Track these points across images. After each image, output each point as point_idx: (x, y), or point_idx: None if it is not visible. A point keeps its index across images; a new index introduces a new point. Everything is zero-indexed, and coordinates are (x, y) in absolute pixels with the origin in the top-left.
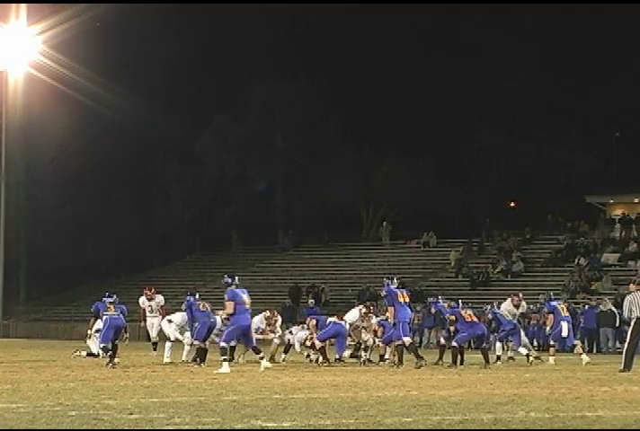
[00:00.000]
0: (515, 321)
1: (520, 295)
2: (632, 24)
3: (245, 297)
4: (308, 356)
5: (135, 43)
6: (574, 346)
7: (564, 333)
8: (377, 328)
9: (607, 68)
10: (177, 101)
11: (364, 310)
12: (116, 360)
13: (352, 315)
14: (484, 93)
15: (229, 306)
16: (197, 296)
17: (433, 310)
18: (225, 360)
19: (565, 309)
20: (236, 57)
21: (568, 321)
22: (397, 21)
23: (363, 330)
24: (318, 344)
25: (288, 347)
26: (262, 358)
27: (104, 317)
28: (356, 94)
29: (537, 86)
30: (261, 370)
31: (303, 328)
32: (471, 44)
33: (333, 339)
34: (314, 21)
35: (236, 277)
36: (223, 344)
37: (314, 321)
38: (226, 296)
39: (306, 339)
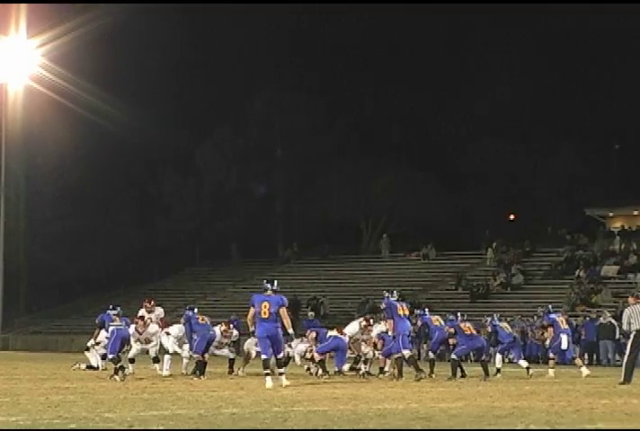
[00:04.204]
0: (515, 334)
1: None
2: (632, 36)
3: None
4: (308, 368)
5: (135, 55)
6: (574, 358)
7: (564, 346)
8: (376, 340)
9: (607, 81)
10: (177, 113)
11: (364, 323)
12: (127, 371)
13: (352, 328)
14: (485, 106)
15: None
16: (196, 310)
17: (420, 323)
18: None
19: (565, 321)
20: (236, 70)
21: (568, 334)
22: (397, 34)
23: (363, 343)
24: (317, 357)
25: (287, 360)
26: None
27: (110, 328)
28: (355, 106)
29: (537, 99)
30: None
31: (302, 340)
32: (472, 56)
33: (332, 352)
34: (313, 33)
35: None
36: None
37: (313, 334)
38: None
39: (305, 352)
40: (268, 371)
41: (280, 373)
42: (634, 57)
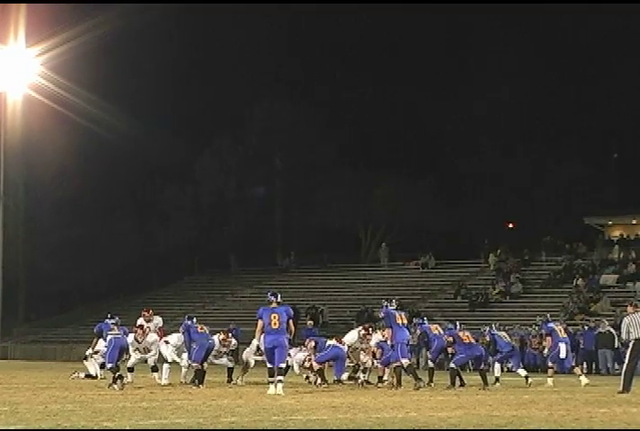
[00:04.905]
0: (513, 343)
1: None
2: (631, 36)
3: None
4: (307, 377)
5: (134, 65)
6: (573, 367)
7: (562, 355)
8: (375, 349)
9: (606, 90)
10: (177, 123)
11: (363, 331)
12: (126, 380)
13: (351, 337)
14: (484, 116)
15: None
16: (194, 320)
17: (419, 331)
18: None
19: (563, 330)
20: (236, 79)
21: (566, 343)
22: (395, 43)
23: (362, 352)
24: (316, 366)
25: (286, 369)
26: None
27: (108, 337)
28: (355, 115)
29: (536, 108)
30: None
31: (301, 349)
32: (470, 65)
33: (331, 361)
34: (312, 43)
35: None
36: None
37: (312, 343)
38: None
39: (304, 361)
40: (272, 379)
41: (279, 381)
42: (633, 57)
